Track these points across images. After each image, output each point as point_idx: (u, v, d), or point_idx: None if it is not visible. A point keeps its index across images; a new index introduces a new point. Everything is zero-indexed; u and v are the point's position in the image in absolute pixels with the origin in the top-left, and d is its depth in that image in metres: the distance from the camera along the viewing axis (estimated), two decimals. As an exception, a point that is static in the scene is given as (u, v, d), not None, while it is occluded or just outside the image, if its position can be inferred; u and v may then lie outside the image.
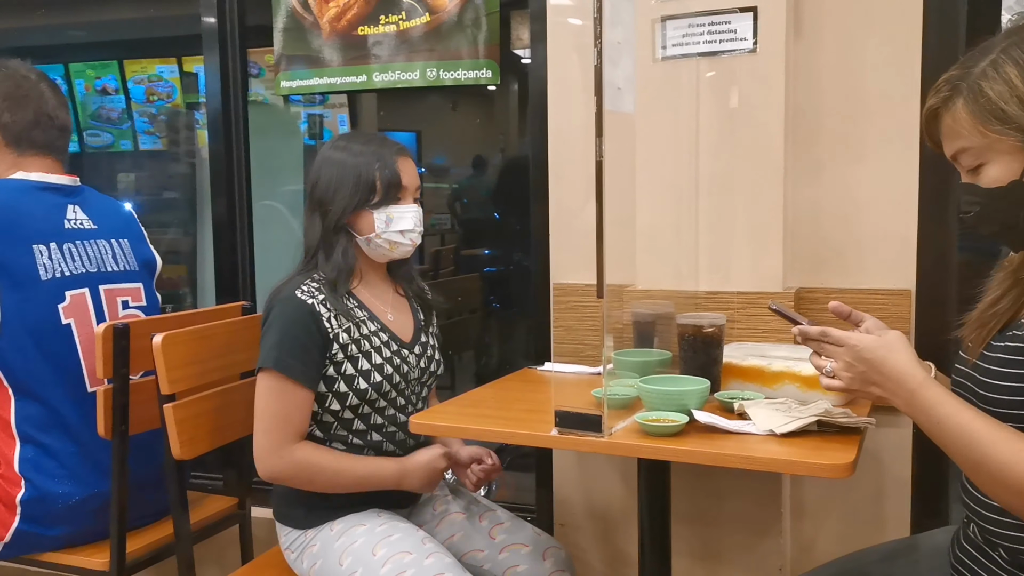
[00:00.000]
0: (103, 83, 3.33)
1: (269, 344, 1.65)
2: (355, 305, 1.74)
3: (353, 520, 1.68)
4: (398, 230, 1.73)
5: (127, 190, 3.59)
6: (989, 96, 1.13)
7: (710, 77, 1.87)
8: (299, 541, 1.71)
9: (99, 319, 1.90)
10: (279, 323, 1.66)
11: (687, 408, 1.40)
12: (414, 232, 1.75)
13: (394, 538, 1.61)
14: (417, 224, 1.76)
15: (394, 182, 1.72)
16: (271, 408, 1.64)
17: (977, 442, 1.10)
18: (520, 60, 2.39)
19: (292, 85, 2.47)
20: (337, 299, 1.69)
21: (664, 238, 1.93)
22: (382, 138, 1.81)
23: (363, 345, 1.71)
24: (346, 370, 1.68)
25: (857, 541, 1.88)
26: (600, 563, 2.17)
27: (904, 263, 1.87)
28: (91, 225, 1.95)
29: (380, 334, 1.75)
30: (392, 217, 1.73)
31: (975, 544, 1.26)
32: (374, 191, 1.71)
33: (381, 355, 1.73)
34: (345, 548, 1.63)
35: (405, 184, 1.74)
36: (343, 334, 1.68)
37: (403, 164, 1.75)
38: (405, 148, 1.79)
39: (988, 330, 1.23)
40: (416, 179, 1.79)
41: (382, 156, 1.73)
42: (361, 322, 1.73)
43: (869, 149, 1.87)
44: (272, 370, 1.63)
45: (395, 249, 1.75)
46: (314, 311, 1.66)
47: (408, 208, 1.74)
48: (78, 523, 1.87)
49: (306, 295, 1.67)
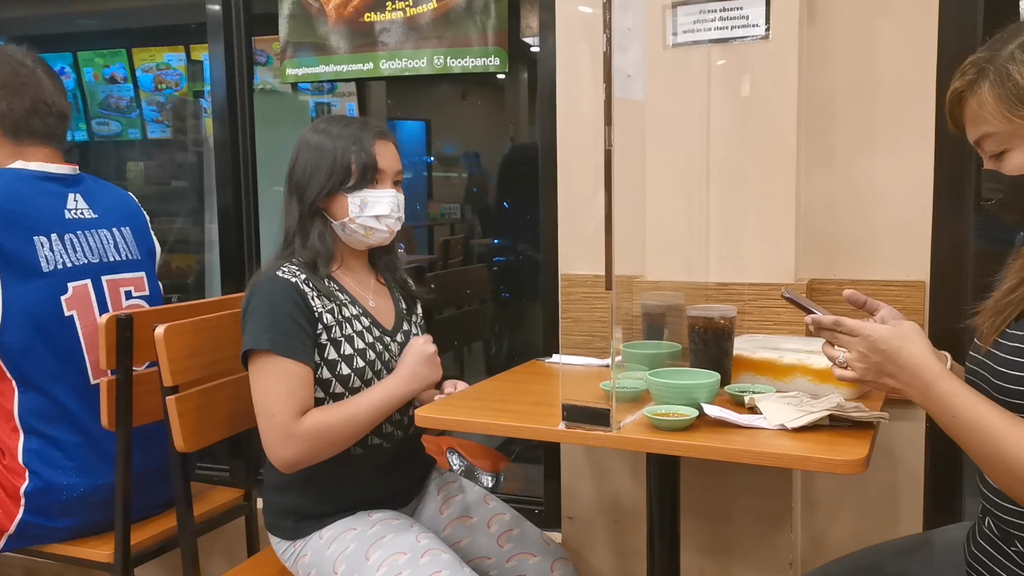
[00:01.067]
0: (111, 71, 3.32)
1: (258, 327, 1.58)
2: (337, 288, 1.70)
3: (343, 526, 1.64)
4: (373, 215, 1.67)
5: (136, 179, 3.59)
6: (1017, 80, 1.10)
7: (721, 65, 1.84)
8: (290, 552, 1.68)
9: (102, 310, 1.89)
10: (265, 304, 1.59)
11: (697, 402, 1.38)
12: (391, 218, 1.69)
13: (387, 539, 1.58)
14: (394, 210, 1.69)
15: (370, 165, 1.66)
16: (273, 390, 1.56)
17: (992, 436, 1.08)
18: (530, 48, 2.37)
19: (298, 73, 2.45)
20: (319, 280, 1.65)
21: (674, 228, 1.90)
22: (363, 121, 1.74)
23: (345, 328, 1.66)
24: (329, 354, 1.64)
25: (869, 536, 1.86)
26: (608, 556, 2.15)
27: (918, 254, 1.84)
28: (92, 214, 1.94)
29: (362, 318, 1.70)
30: (367, 201, 1.67)
31: (990, 539, 1.24)
32: (349, 174, 1.65)
33: (364, 340, 1.68)
34: (337, 555, 1.59)
35: (382, 167, 1.68)
36: (327, 315, 1.64)
37: (381, 147, 1.69)
38: (387, 131, 1.74)
39: (1003, 318, 1.20)
40: (396, 163, 1.72)
41: (359, 139, 1.67)
42: (343, 304, 1.68)
43: (883, 137, 1.84)
44: (268, 352, 1.56)
45: (371, 235, 1.70)
46: (299, 288, 1.61)
47: (385, 193, 1.68)
48: (83, 515, 1.87)
49: (288, 275, 1.62)
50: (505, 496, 2.13)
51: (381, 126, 1.73)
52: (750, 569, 1.96)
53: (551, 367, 1.92)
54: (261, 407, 1.58)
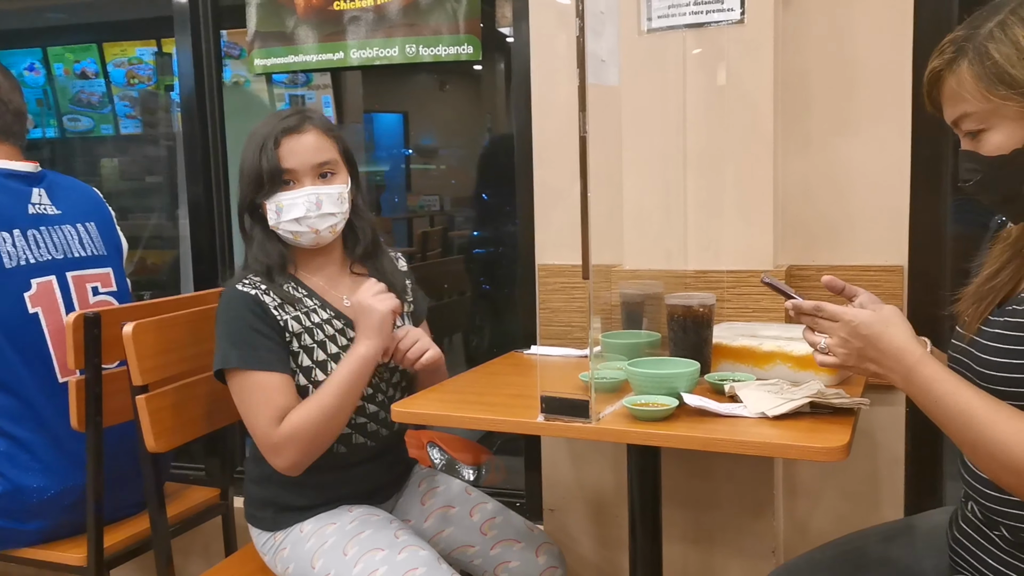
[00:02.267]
0: (82, 67, 3.25)
1: (224, 344, 1.56)
2: (304, 294, 1.66)
3: (323, 520, 1.62)
4: (291, 218, 1.60)
5: (110, 176, 3.53)
6: (995, 59, 1.08)
7: (696, 50, 1.82)
8: (269, 544, 1.66)
9: (68, 307, 1.85)
10: (225, 319, 1.58)
11: (677, 391, 1.36)
12: (311, 218, 1.60)
13: (365, 535, 1.56)
14: (311, 209, 1.59)
15: (273, 170, 1.58)
16: (251, 405, 1.55)
17: (975, 421, 1.07)
18: (506, 39, 2.34)
19: (267, 63, 2.40)
20: (280, 289, 1.61)
21: (652, 216, 1.88)
22: (279, 116, 1.64)
23: (316, 334, 1.63)
24: (302, 362, 1.61)
25: (851, 521, 1.86)
26: (590, 548, 2.14)
27: (896, 238, 1.84)
28: (55, 210, 1.90)
29: (335, 321, 1.66)
30: (281, 206, 1.60)
31: (974, 524, 1.23)
32: (261, 182, 1.59)
33: (336, 344, 1.64)
34: (316, 549, 1.57)
35: (289, 167, 1.59)
36: (292, 322, 1.60)
37: (289, 145, 1.59)
38: (299, 123, 1.62)
39: (986, 304, 1.20)
40: (311, 156, 1.61)
41: (265, 142, 1.59)
42: (311, 311, 1.64)
43: (860, 121, 1.83)
44: (237, 369, 1.55)
45: (299, 238, 1.62)
46: (259, 299, 1.58)
47: (298, 194, 1.59)
48: (54, 517, 1.83)
49: (248, 287, 1.59)
50: (487, 489, 2.11)
51: (297, 116, 1.63)
52: (733, 557, 1.95)
53: (530, 358, 1.90)
54: (246, 422, 1.58)
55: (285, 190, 1.61)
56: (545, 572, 1.72)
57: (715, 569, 1.97)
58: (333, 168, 1.65)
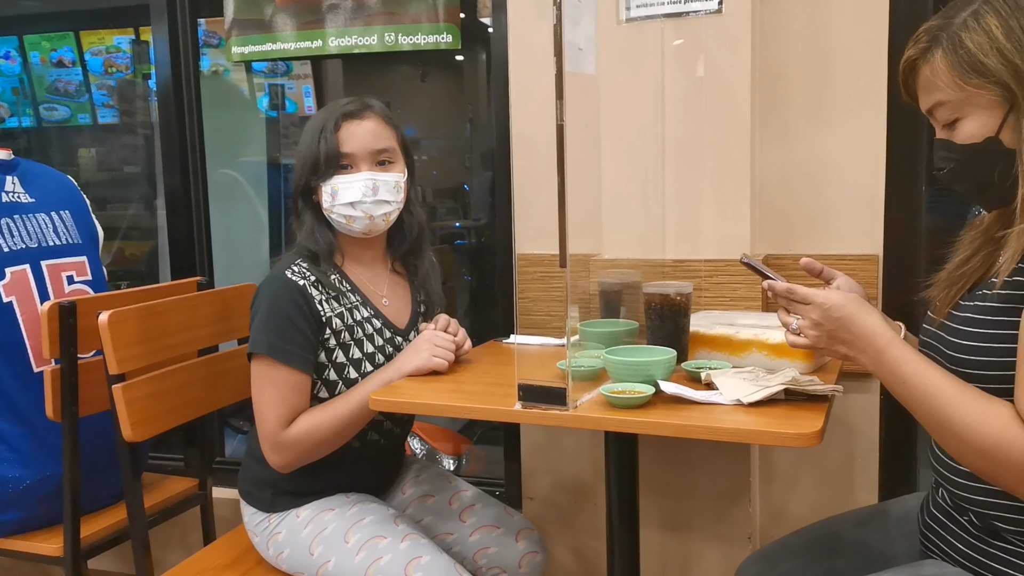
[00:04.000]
0: (59, 55, 3.21)
1: (258, 327, 1.55)
2: (348, 289, 1.65)
3: (320, 506, 1.62)
4: (346, 202, 1.59)
5: (88, 166, 3.50)
6: (969, 48, 1.10)
7: (675, 40, 1.82)
8: (263, 525, 1.66)
9: (42, 296, 1.84)
10: (267, 304, 1.56)
11: (653, 379, 1.37)
12: (365, 203, 1.60)
13: (366, 522, 1.56)
14: (367, 194, 1.59)
15: (331, 153, 1.58)
16: (266, 396, 1.54)
17: (942, 402, 1.08)
18: (487, 29, 2.34)
19: (244, 51, 2.39)
20: (326, 278, 1.60)
21: (630, 206, 1.89)
22: (343, 101, 1.65)
23: (356, 332, 1.62)
24: (337, 357, 1.60)
25: (826, 507, 1.88)
26: (569, 536, 2.15)
27: (871, 227, 1.85)
28: (29, 199, 1.88)
29: (374, 320, 1.66)
30: (337, 189, 1.59)
31: (944, 509, 1.25)
32: (319, 165, 1.59)
33: (373, 343, 1.64)
34: (315, 536, 1.57)
35: (348, 151, 1.59)
36: (336, 319, 1.59)
37: (348, 129, 1.60)
38: (360, 109, 1.63)
39: (957, 289, 1.21)
40: (371, 142, 1.61)
41: (325, 124, 1.60)
42: (355, 307, 1.64)
43: (836, 110, 1.84)
44: (264, 356, 1.53)
45: (352, 223, 1.61)
46: (305, 292, 1.56)
47: (355, 178, 1.59)
48: (30, 508, 1.82)
49: (296, 276, 1.58)
50: (467, 478, 2.12)
51: (358, 103, 1.64)
52: (710, 544, 1.97)
53: (508, 347, 1.90)
54: (256, 411, 1.57)
55: (342, 174, 1.60)
56: (525, 557, 1.72)
57: (692, 555, 1.99)
58: (391, 157, 1.65)
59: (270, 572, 1.65)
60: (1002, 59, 1.08)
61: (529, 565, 1.72)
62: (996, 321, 1.10)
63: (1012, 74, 1.08)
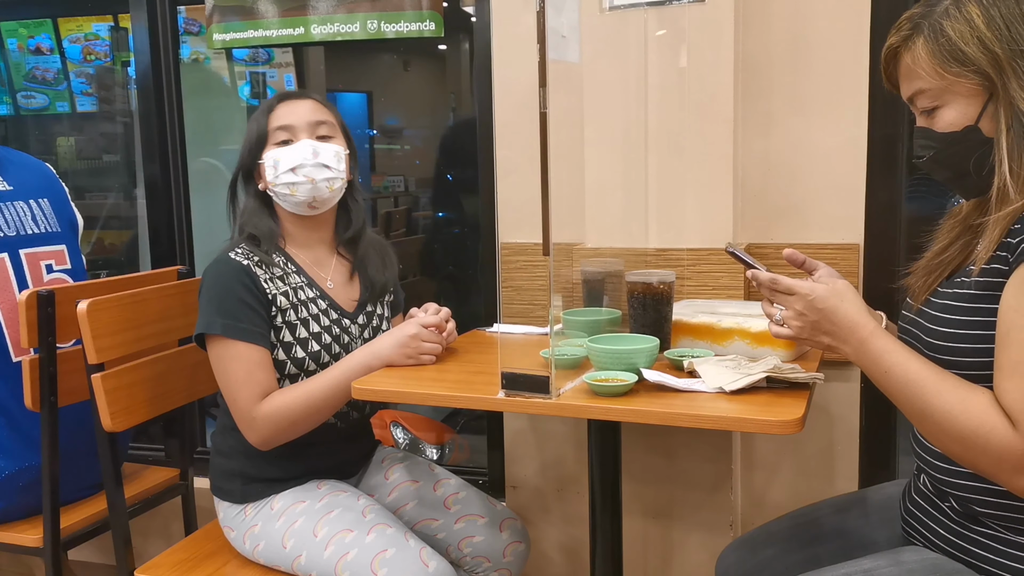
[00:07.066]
0: (37, 42, 3.17)
1: (209, 309, 1.56)
2: (293, 270, 1.67)
3: (292, 496, 1.62)
4: (287, 168, 1.61)
5: (67, 154, 3.46)
6: (949, 36, 1.10)
7: (658, 30, 1.82)
8: (239, 519, 1.65)
9: (21, 284, 1.82)
10: (215, 286, 1.57)
11: (636, 367, 1.37)
12: (306, 167, 1.61)
13: (334, 515, 1.56)
14: (308, 157, 1.61)
15: (272, 126, 1.64)
16: (232, 375, 1.55)
17: (923, 391, 1.09)
18: (470, 17, 2.32)
19: (225, 38, 2.36)
20: (269, 258, 1.62)
21: (613, 195, 1.89)
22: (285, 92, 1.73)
23: (301, 311, 1.63)
24: (284, 336, 1.61)
25: (808, 494, 1.89)
26: (552, 524, 2.16)
27: (852, 217, 1.86)
28: (7, 186, 1.86)
29: (319, 301, 1.67)
30: (279, 159, 1.62)
31: (925, 495, 1.26)
32: (261, 141, 1.65)
33: (319, 323, 1.65)
34: (286, 529, 1.57)
35: (287, 124, 1.64)
36: (281, 297, 1.61)
37: (287, 106, 1.66)
38: (301, 94, 1.70)
39: (935, 277, 1.22)
40: (308, 115, 1.65)
41: (267, 106, 1.67)
42: (299, 287, 1.65)
43: (818, 100, 1.85)
44: (221, 337, 1.55)
45: (296, 191, 1.62)
46: (249, 271, 1.58)
47: (295, 146, 1.63)
48: (9, 498, 1.81)
49: (240, 256, 1.60)
50: (450, 468, 2.12)
51: (299, 90, 1.71)
52: (692, 531, 1.98)
53: (492, 336, 1.90)
54: (225, 392, 1.58)
55: (282, 146, 1.64)
56: (509, 547, 1.73)
57: (674, 542, 2.00)
58: (331, 132, 1.69)
59: (248, 563, 1.65)
60: (982, 48, 1.09)
61: (513, 554, 1.73)
62: (974, 308, 1.11)
63: (992, 63, 1.09)
